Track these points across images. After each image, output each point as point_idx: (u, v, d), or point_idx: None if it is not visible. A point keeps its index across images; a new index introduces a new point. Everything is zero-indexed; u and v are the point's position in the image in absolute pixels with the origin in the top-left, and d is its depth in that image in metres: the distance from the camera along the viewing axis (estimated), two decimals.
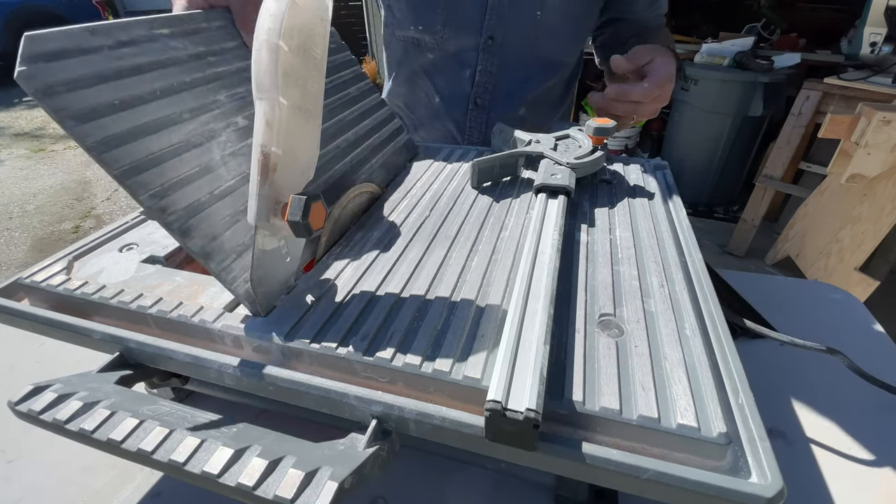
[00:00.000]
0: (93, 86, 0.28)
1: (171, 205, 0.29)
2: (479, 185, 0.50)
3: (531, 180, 0.49)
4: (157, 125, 0.30)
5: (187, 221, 0.30)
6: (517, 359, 0.26)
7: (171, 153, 0.30)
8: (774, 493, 0.22)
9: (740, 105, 2.26)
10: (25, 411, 0.27)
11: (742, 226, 2.21)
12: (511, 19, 0.69)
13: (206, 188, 0.32)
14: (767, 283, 0.66)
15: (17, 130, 4.20)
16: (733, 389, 0.27)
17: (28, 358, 0.55)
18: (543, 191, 0.45)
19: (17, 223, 2.73)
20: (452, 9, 0.69)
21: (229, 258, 0.31)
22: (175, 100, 0.32)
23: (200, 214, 0.31)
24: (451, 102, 0.77)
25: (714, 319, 0.32)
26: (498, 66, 0.73)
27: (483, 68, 0.73)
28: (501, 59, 0.72)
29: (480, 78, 0.74)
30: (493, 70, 0.73)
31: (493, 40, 0.70)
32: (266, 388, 0.29)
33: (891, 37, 1.76)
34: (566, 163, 0.47)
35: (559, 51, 0.74)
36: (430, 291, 0.33)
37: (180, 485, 0.39)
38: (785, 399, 0.47)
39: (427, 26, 0.71)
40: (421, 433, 0.26)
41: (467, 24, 0.70)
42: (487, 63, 0.72)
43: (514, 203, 0.46)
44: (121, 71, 0.30)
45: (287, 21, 0.27)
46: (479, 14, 0.69)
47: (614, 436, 0.25)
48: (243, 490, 0.23)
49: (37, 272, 0.37)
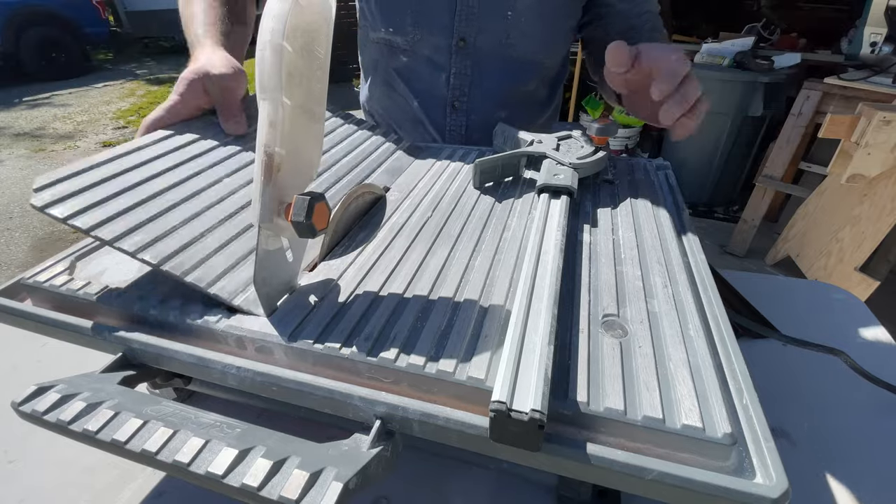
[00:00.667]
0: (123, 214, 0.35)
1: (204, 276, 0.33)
2: (481, 185, 0.50)
3: (533, 180, 0.49)
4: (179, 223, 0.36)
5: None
6: (521, 359, 0.26)
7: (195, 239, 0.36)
8: (780, 493, 0.22)
9: (740, 105, 2.26)
10: (29, 412, 0.27)
11: (742, 226, 2.21)
12: (482, 20, 0.68)
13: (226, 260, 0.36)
14: (768, 283, 0.66)
15: (17, 130, 4.20)
16: (737, 390, 0.27)
17: (30, 358, 0.55)
18: (546, 191, 0.45)
19: (18, 223, 2.73)
20: (421, 10, 0.68)
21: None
22: (190, 204, 0.39)
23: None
24: (429, 106, 0.76)
25: (718, 320, 0.32)
26: (472, 67, 0.71)
27: (457, 70, 0.72)
28: (475, 61, 0.71)
29: (455, 80, 0.72)
30: (468, 72, 0.72)
31: (464, 42, 0.69)
32: (269, 389, 0.29)
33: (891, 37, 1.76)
34: (568, 163, 0.47)
35: (535, 52, 0.72)
36: (433, 292, 0.33)
37: (183, 485, 0.39)
38: (787, 399, 0.47)
39: (397, 28, 0.70)
40: (425, 434, 0.26)
41: (437, 26, 0.69)
42: (461, 65, 0.71)
43: (516, 203, 0.46)
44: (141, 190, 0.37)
45: (291, 22, 0.27)
46: (448, 15, 0.68)
47: (619, 436, 0.25)
48: (248, 491, 0.22)
49: (39, 272, 0.37)
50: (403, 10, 0.69)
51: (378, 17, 0.72)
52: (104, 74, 6.35)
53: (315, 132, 0.30)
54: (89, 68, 6.53)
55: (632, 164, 0.55)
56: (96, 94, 5.38)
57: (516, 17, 0.67)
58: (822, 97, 1.87)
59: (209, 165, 0.43)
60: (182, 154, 0.43)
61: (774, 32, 2.57)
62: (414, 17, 0.69)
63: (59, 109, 4.79)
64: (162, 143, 0.44)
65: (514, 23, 0.68)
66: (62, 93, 5.38)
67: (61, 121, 4.45)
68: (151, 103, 4.86)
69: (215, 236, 0.37)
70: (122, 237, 0.33)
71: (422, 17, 0.69)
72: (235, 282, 0.34)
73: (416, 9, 0.68)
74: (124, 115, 4.56)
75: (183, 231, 0.36)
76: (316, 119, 0.30)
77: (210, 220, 0.38)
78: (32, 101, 5.05)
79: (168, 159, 0.42)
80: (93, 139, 4.00)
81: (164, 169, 0.40)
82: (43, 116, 4.57)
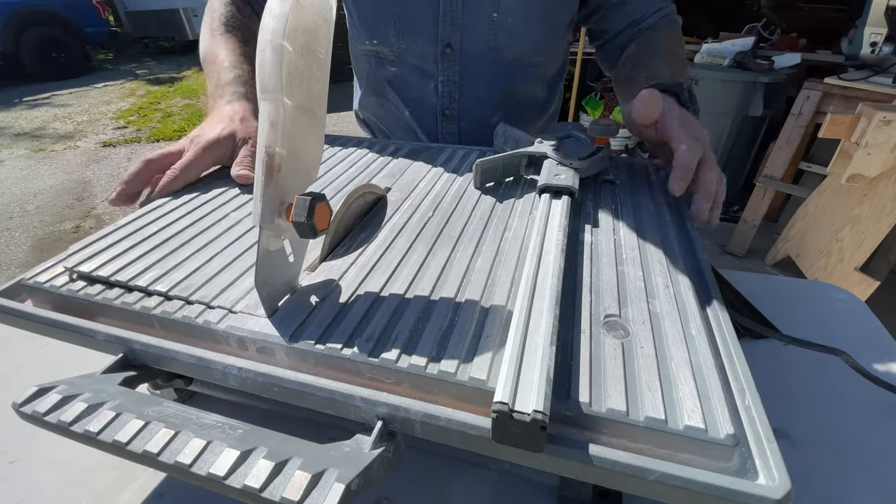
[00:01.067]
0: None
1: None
2: (482, 185, 0.50)
3: (534, 181, 0.49)
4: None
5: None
6: (523, 360, 0.26)
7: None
8: (783, 494, 0.21)
9: (740, 105, 2.26)
10: (30, 413, 0.27)
11: (742, 226, 2.21)
12: (466, 24, 0.66)
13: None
14: (768, 283, 0.66)
15: (17, 130, 4.20)
16: (740, 390, 0.27)
17: (31, 359, 0.55)
18: (547, 191, 0.44)
19: (18, 223, 2.73)
20: (404, 20, 0.67)
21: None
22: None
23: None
24: (420, 115, 0.75)
25: (720, 320, 0.32)
26: (460, 73, 0.70)
27: (445, 78, 0.70)
28: (463, 67, 0.69)
29: (444, 88, 0.71)
30: (456, 79, 0.70)
31: (451, 48, 0.67)
32: (270, 390, 0.29)
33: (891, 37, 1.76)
34: (570, 163, 0.47)
35: (526, 52, 0.70)
36: (434, 292, 0.33)
37: (184, 485, 0.39)
38: (788, 400, 0.47)
39: (381, 39, 0.69)
40: (427, 434, 0.26)
41: (422, 34, 0.67)
42: (448, 72, 0.70)
43: (517, 203, 0.46)
44: None
45: (291, 21, 0.27)
46: (431, 22, 0.66)
47: (621, 437, 0.25)
48: (250, 492, 0.22)
49: (39, 273, 0.37)
50: (386, 21, 0.67)
51: (361, 29, 0.71)
52: (104, 74, 6.35)
53: (316, 132, 0.30)
54: (89, 68, 6.54)
55: (632, 164, 0.55)
56: (96, 94, 5.39)
57: (502, 18, 0.65)
58: (822, 97, 1.87)
59: (218, 206, 0.46)
60: (191, 205, 0.47)
61: (774, 32, 2.57)
62: (397, 27, 0.67)
63: (59, 109, 4.79)
64: (170, 202, 0.47)
65: (501, 24, 0.66)
66: (62, 93, 5.38)
67: (61, 121, 4.45)
68: (151, 103, 4.86)
69: (220, 259, 0.38)
70: (138, 276, 0.36)
71: (405, 28, 0.67)
72: (238, 290, 0.34)
73: (399, 19, 0.67)
74: (124, 115, 4.56)
75: (190, 262, 0.38)
76: (317, 119, 0.30)
77: (217, 248, 0.40)
78: (32, 101, 5.05)
79: (178, 212, 0.46)
80: (93, 139, 4.00)
81: (175, 219, 0.44)
82: (43, 116, 4.57)
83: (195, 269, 0.36)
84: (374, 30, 0.69)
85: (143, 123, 4.30)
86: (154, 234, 0.42)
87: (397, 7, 0.66)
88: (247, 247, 0.40)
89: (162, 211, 0.45)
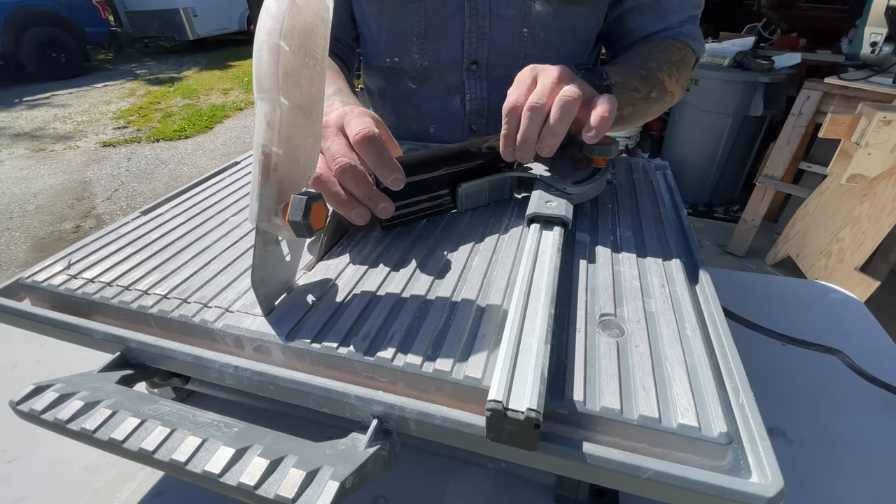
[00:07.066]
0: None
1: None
2: (464, 209, 0.45)
3: (527, 197, 0.44)
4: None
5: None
6: (518, 358, 0.26)
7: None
8: (775, 492, 0.22)
9: (740, 105, 2.26)
10: (27, 411, 0.27)
11: (742, 226, 2.21)
12: (494, 40, 0.63)
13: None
14: (768, 283, 0.66)
15: (17, 130, 4.20)
16: (734, 389, 0.27)
17: (29, 358, 0.55)
18: (537, 221, 0.40)
19: (18, 223, 2.73)
20: (428, 36, 0.64)
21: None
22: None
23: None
24: (447, 130, 0.71)
25: (714, 319, 0.32)
26: (488, 90, 0.66)
27: (472, 95, 0.67)
28: (490, 83, 0.66)
29: (471, 105, 0.68)
30: (484, 94, 0.67)
31: (477, 65, 0.65)
32: (267, 388, 0.29)
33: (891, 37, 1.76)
34: (563, 188, 0.42)
35: (557, 63, 0.67)
36: (430, 291, 0.33)
37: (181, 484, 0.39)
38: (785, 398, 0.47)
39: (403, 56, 0.66)
40: (422, 433, 0.26)
41: (446, 50, 0.64)
42: (475, 89, 0.67)
43: (517, 203, 0.46)
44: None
45: (288, 21, 0.27)
46: (457, 39, 0.63)
47: (615, 435, 0.25)
48: (244, 490, 0.23)
49: (38, 272, 0.37)
50: (408, 37, 0.65)
51: (381, 46, 0.68)
52: (104, 74, 6.35)
53: (312, 132, 0.30)
54: (89, 68, 6.54)
55: (631, 164, 0.55)
56: (96, 94, 5.39)
57: (534, 33, 0.62)
58: (822, 97, 1.87)
59: (218, 212, 0.46)
60: (193, 210, 0.47)
61: (774, 32, 2.57)
62: (420, 43, 0.65)
63: (59, 109, 4.79)
64: (169, 204, 0.48)
65: (532, 39, 0.63)
66: (62, 93, 5.39)
67: (61, 121, 4.45)
68: (151, 103, 4.87)
69: (218, 262, 0.38)
70: (138, 281, 0.36)
71: (429, 44, 0.64)
72: (235, 291, 0.34)
73: (423, 35, 0.64)
74: (124, 115, 4.56)
75: (188, 266, 0.38)
76: (313, 119, 0.30)
77: (216, 251, 0.40)
78: (32, 101, 5.05)
79: (174, 212, 0.46)
80: (93, 139, 4.00)
81: (175, 226, 0.44)
82: (43, 116, 4.58)
83: (193, 273, 0.37)
84: (394, 47, 0.67)
85: (143, 123, 4.30)
86: (150, 236, 0.42)
87: (421, 23, 0.64)
88: (244, 250, 0.40)
89: (160, 211, 0.46)
